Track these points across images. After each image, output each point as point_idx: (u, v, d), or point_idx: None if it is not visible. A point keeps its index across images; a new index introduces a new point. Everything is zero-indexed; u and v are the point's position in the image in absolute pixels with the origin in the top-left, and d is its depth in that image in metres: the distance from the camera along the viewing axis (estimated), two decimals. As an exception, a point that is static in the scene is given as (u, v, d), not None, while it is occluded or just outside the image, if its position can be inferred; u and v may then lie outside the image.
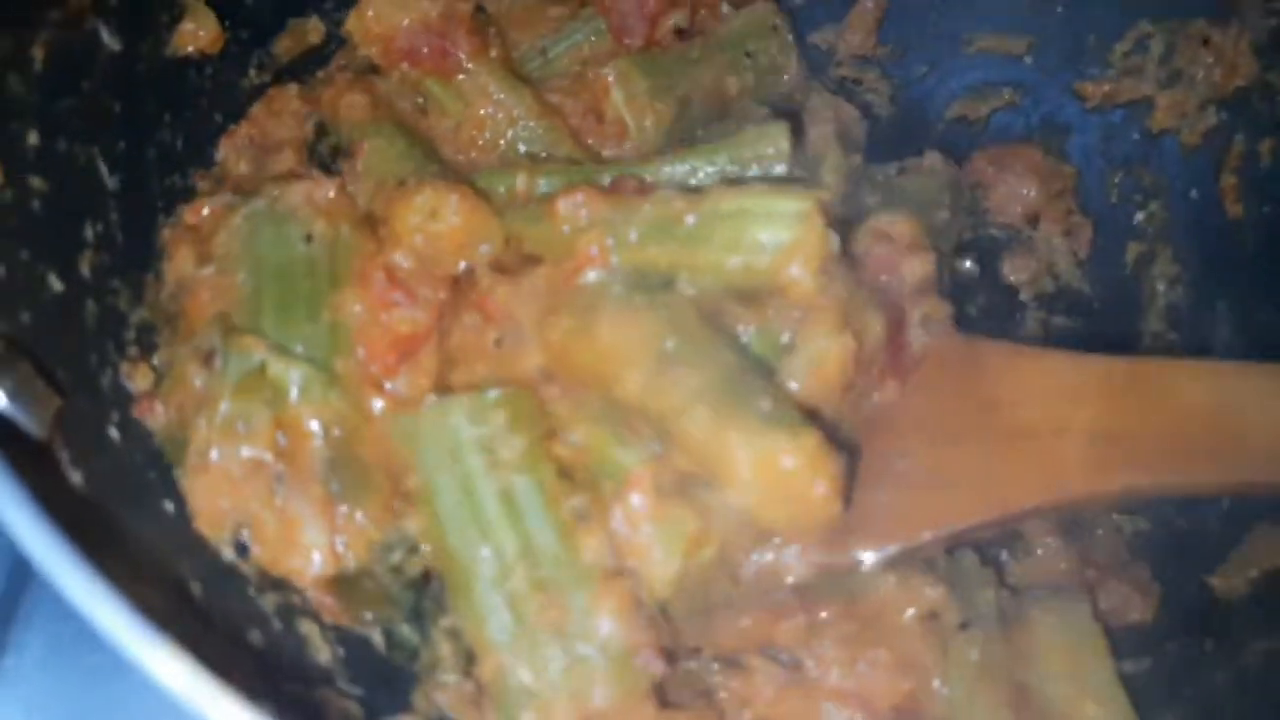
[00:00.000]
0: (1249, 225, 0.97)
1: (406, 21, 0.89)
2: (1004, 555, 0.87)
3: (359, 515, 0.71)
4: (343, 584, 0.70)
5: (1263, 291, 0.94)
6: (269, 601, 0.68)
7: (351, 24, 0.91)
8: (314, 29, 0.97)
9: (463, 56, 0.89)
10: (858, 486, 0.73)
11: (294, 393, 0.71)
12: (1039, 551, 0.86)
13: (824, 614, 0.74)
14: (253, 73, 0.93)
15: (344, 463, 0.72)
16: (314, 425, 0.71)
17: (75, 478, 0.57)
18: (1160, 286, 1.03)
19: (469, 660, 0.71)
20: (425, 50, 0.88)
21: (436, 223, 0.77)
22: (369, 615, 0.72)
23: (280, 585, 0.69)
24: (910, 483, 0.76)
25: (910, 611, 0.73)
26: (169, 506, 0.67)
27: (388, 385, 0.74)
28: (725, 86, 0.95)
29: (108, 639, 0.45)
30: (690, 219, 0.74)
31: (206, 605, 0.60)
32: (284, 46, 0.95)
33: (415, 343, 0.74)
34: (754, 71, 0.98)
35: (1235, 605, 0.82)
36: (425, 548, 0.72)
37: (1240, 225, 0.97)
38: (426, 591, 0.74)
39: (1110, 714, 0.77)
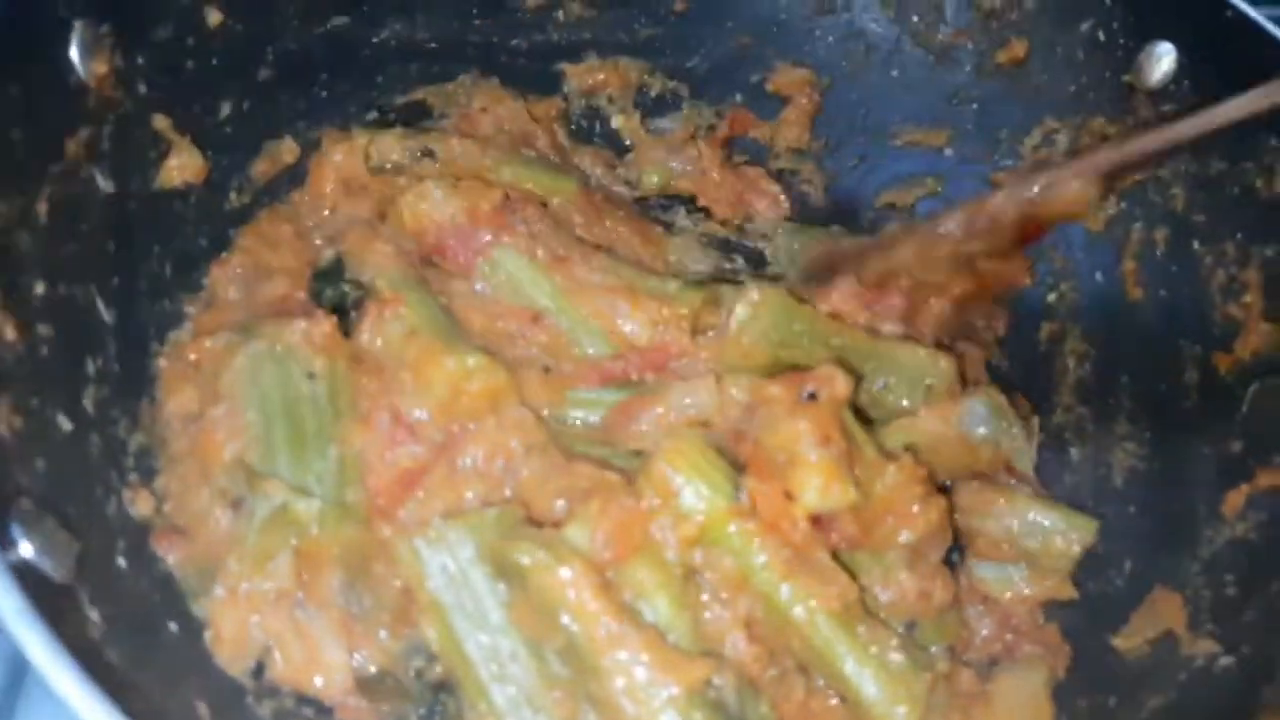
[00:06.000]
0: (1148, 306, 1.06)
1: (435, 219, 0.96)
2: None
3: (379, 631, 0.78)
4: (365, 685, 0.77)
5: (1160, 367, 1.02)
6: (266, 709, 0.74)
7: (391, 220, 0.99)
8: (288, 149, 1.04)
9: (486, 244, 0.96)
10: None
11: (314, 528, 0.78)
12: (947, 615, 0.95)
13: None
14: (233, 195, 1.00)
15: (359, 584, 0.79)
16: (332, 553, 0.78)
17: (94, 615, 0.63)
18: (1070, 363, 1.12)
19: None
20: (452, 244, 0.95)
21: (470, 384, 0.84)
22: (385, 709, 0.78)
23: (275, 692, 0.75)
24: None
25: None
26: (174, 628, 0.74)
27: (399, 514, 0.81)
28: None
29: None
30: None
31: (215, 722, 0.67)
32: (260, 170, 1.02)
33: (418, 476, 0.81)
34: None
35: (1135, 664, 0.91)
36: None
37: (1140, 306, 1.06)
38: (447, 697, 0.80)
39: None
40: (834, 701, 0.81)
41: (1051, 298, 1.16)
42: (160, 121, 0.91)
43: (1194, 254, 1.01)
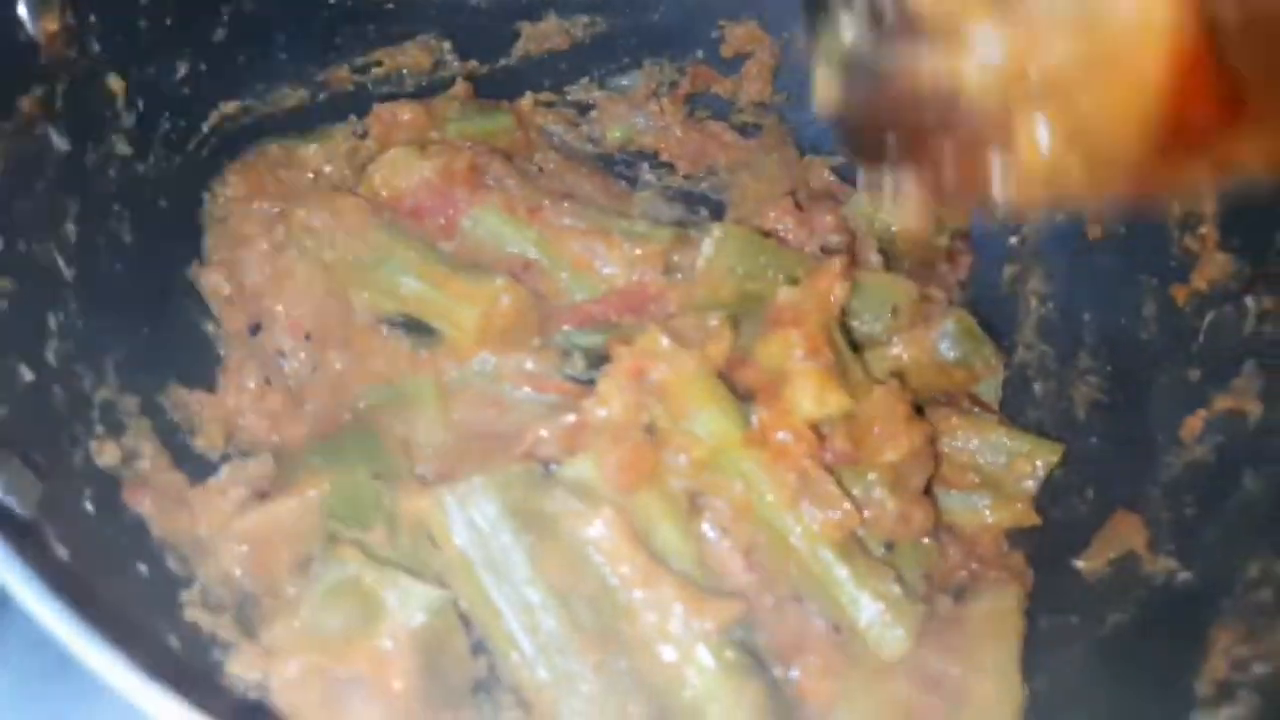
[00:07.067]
0: (1108, 244, 1.07)
1: (409, 183, 0.96)
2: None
3: (455, 711, 0.75)
4: None
5: (1120, 302, 1.03)
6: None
7: (364, 189, 0.99)
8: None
9: (463, 203, 0.97)
10: None
11: (391, 599, 0.73)
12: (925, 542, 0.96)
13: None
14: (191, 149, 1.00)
15: (436, 660, 0.74)
16: (407, 631, 0.72)
17: (61, 552, 0.64)
18: (1033, 302, 1.14)
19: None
20: (429, 205, 0.96)
21: (497, 305, 0.88)
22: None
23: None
24: None
25: None
26: (143, 569, 0.75)
27: None
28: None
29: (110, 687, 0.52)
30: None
31: (185, 656, 0.68)
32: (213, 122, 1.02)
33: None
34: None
35: (1095, 584, 0.93)
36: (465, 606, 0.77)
37: (1100, 245, 1.07)
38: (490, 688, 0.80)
39: (1001, 690, 0.87)
40: (817, 622, 0.82)
41: (1013, 240, 1.17)
42: (115, 81, 0.90)
43: (1151, 190, 1.02)
